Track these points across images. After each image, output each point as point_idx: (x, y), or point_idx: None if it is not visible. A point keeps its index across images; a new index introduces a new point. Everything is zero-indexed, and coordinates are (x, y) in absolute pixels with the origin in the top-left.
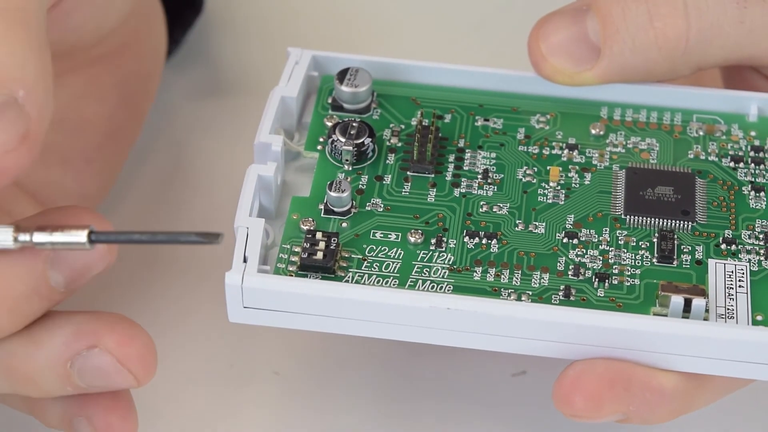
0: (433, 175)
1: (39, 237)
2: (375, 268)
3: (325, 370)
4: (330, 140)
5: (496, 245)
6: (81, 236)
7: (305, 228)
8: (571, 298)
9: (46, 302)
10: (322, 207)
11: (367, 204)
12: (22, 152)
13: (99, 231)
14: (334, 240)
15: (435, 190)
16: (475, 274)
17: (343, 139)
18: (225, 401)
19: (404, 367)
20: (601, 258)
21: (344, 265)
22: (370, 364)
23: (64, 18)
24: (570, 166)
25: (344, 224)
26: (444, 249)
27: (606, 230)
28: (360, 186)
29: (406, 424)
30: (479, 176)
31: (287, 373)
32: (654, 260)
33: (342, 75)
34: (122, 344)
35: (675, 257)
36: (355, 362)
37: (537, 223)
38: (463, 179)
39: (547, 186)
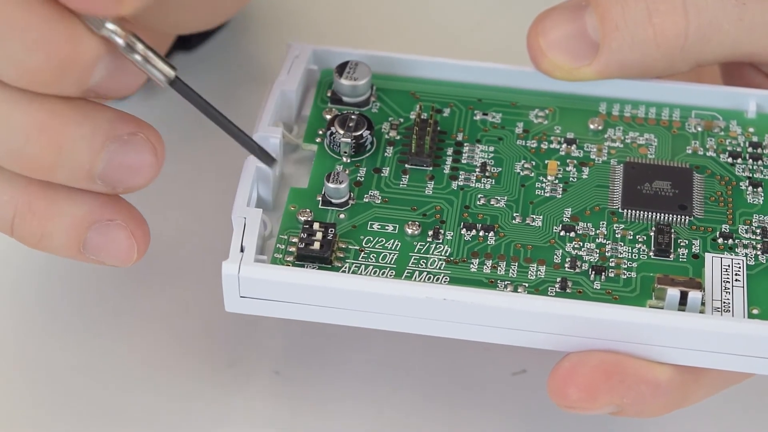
0: (431, 168)
1: (139, 45)
2: (372, 259)
3: (325, 370)
4: (329, 133)
5: (493, 237)
6: (168, 72)
7: (303, 219)
8: (568, 290)
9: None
10: (320, 198)
11: (365, 196)
12: None
13: (183, 81)
14: (332, 231)
15: (433, 182)
16: (471, 265)
17: (341, 132)
18: (225, 401)
19: (404, 367)
20: (597, 251)
21: (341, 255)
22: (369, 363)
23: None
24: (568, 160)
25: (342, 216)
26: (441, 241)
27: (603, 224)
28: (358, 178)
29: (406, 423)
30: (477, 169)
31: (287, 373)
32: (651, 254)
33: (341, 68)
34: None
35: (672, 251)
36: (355, 362)
37: (534, 216)
38: (461, 172)
39: (544, 180)
